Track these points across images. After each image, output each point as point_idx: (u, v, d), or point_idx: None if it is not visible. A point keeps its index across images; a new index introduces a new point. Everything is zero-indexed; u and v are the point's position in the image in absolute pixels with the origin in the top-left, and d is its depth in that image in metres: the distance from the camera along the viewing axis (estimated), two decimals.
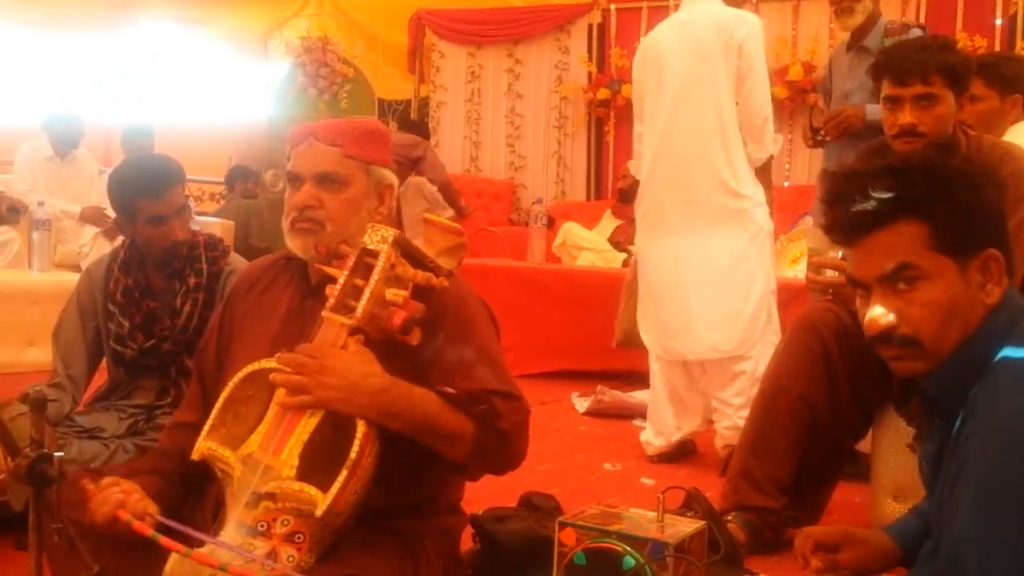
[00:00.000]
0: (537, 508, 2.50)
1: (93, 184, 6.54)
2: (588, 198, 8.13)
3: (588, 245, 6.57)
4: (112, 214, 6.18)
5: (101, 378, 3.16)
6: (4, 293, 5.14)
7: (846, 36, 4.34)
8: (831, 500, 2.88)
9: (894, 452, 2.70)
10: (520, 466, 1.93)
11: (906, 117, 2.63)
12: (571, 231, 6.65)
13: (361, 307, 1.75)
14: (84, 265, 6.11)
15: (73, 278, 5.61)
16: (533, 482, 2.94)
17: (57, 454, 1.36)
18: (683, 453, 3.90)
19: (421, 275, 1.82)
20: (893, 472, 2.70)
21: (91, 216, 6.23)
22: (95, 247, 6.15)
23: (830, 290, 2.54)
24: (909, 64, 2.65)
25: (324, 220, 1.92)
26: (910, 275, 1.53)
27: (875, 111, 3.89)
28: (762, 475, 2.72)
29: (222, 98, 9.00)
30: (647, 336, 3.92)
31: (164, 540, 1.52)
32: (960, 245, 1.53)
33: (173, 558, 1.62)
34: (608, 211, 7.10)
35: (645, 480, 3.48)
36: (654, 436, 3.85)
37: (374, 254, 1.79)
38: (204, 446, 1.76)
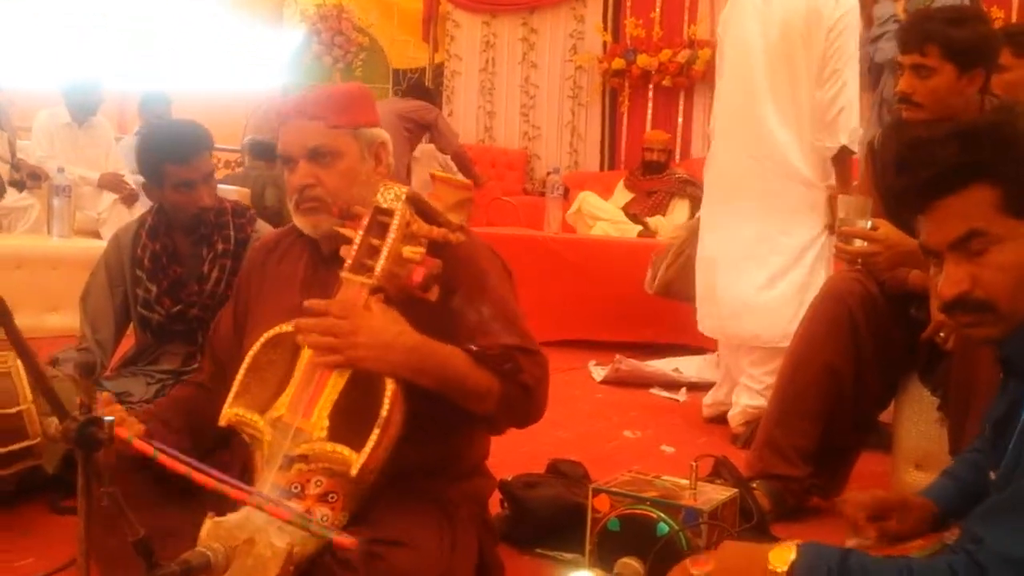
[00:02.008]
0: (565, 475, 2.52)
1: (110, 151, 6.54)
2: (602, 168, 8.13)
3: (604, 215, 6.56)
4: (130, 181, 6.27)
5: (127, 343, 3.19)
6: (25, 259, 5.15)
7: None
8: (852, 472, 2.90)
9: (916, 421, 2.72)
10: (540, 421, 1.94)
11: (901, 84, 2.64)
12: (587, 200, 6.63)
13: (380, 266, 1.75)
14: (103, 232, 6.14)
15: (92, 244, 5.68)
16: (554, 449, 2.96)
17: (107, 419, 1.36)
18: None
19: (437, 231, 1.81)
20: (916, 441, 2.71)
21: (109, 183, 6.23)
22: (113, 213, 6.16)
23: (859, 260, 2.55)
24: (909, 33, 2.65)
25: (324, 195, 1.92)
26: (982, 240, 1.51)
27: None
28: (787, 444, 2.74)
29: (237, 66, 8.97)
30: (702, 308, 3.87)
31: (163, 459, 1.40)
32: None
33: (208, 524, 1.63)
34: (621, 182, 7.08)
35: (665, 448, 3.50)
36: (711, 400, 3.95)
37: (388, 212, 1.78)
38: (231, 412, 1.76)
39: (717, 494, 1.99)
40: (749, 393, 3.65)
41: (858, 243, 2.57)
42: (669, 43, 7.67)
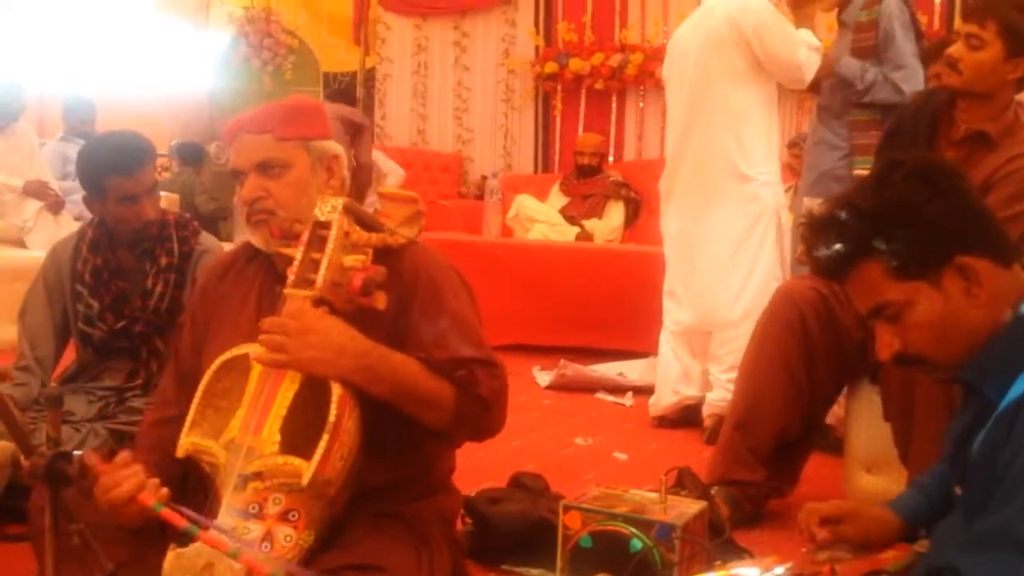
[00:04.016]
0: (528, 488, 2.51)
1: (34, 157, 6.36)
2: (536, 171, 8.12)
3: (541, 218, 6.57)
4: (55, 187, 6.10)
5: (67, 360, 3.10)
6: None
7: None
8: (802, 473, 2.93)
9: (868, 425, 2.76)
10: (497, 436, 1.93)
11: (951, 50, 2.70)
12: (524, 203, 6.64)
13: (320, 277, 1.74)
14: (28, 240, 5.97)
15: (18, 254, 5.52)
16: (508, 458, 2.96)
17: (76, 452, 1.32)
18: (686, 420, 4.03)
19: (376, 237, 1.82)
20: (867, 445, 2.76)
21: (35, 190, 6.06)
22: (39, 221, 6.00)
23: None
24: (978, 4, 2.72)
25: (274, 208, 1.90)
26: (891, 307, 1.60)
27: (848, 65, 4.01)
28: (745, 448, 2.78)
29: (163, 69, 8.79)
30: (670, 300, 4.10)
31: (204, 536, 1.48)
32: (919, 267, 1.58)
33: (170, 556, 1.59)
34: (556, 185, 7.09)
35: (618, 455, 3.51)
36: (658, 400, 4.07)
37: (326, 225, 1.78)
38: (187, 442, 1.72)
39: (687, 507, 1.99)
40: (716, 386, 3.81)
41: None
42: (601, 47, 7.69)
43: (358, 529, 1.77)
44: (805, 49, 3.83)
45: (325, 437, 1.62)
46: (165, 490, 1.68)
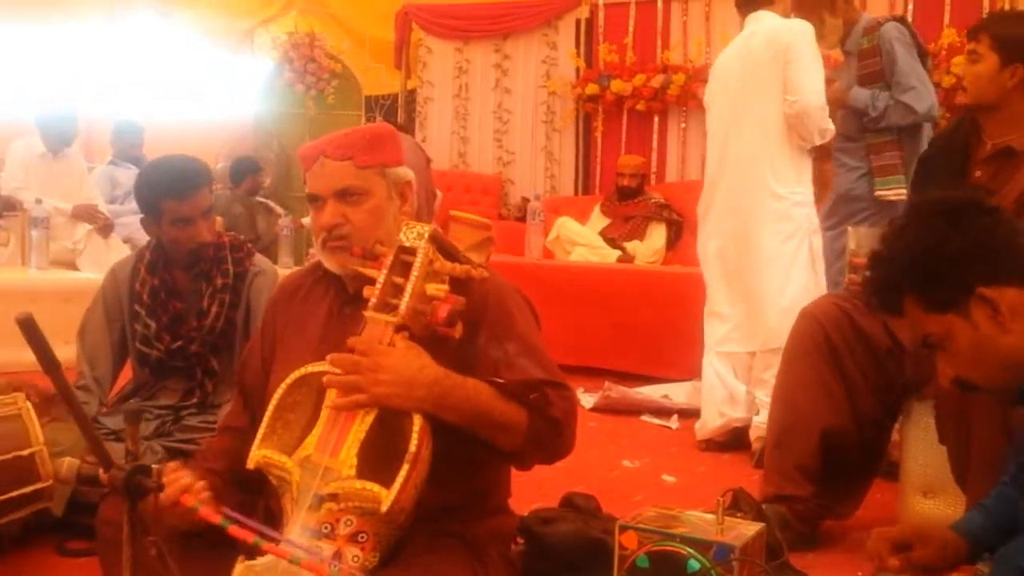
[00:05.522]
0: (579, 509, 2.51)
1: (83, 181, 6.49)
2: (576, 193, 8.13)
3: (582, 241, 6.57)
4: (104, 211, 6.20)
5: (122, 379, 3.15)
6: (3, 293, 5.04)
7: None
8: None
9: (924, 449, 2.74)
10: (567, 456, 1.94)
11: (959, 69, 2.92)
12: (565, 226, 6.65)
13: (404, 303, 1.75)
14: (79, 262, 6.07)
15: (70, 276, 5.61)
16: (556, 480, 2.95)
17: (155, 466, 1.35)
18: (733, 443, 4.02)
19: (460, 268, 1.83)
20: (923, 469, 2.74)
21: (84, 213, 6.18)
22: (89, 244, 6.10)
23: None
24: (975, 24, 2.91)
25: (351, 234, 1.92)
26: (934, 340, 1.77)
27: (857, 96, 4.06)
28: (789, 464, 2.78)
29: (208, 94, 8.92)
30: (723, 324, 4.08)
31: (232, 529, 1.48)
32: (943, 302, 1.73)
33: (239, 569, 1.61)
34: (597, 207, 7.09)
35: (666, 477, 3.51)
36: (704, 422, 4.05)
37: (411, 251, 1.79)
38: (259, 455, 1.74)
39: (745, 529, 1.98)
40: (764, 409, 3.75)
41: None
42: (642, 68, 7.70)
43: (417, 548, 1.79)
44: (823, 98, 3.84)
45: (405, 467, 1.63)
46: (207, 492, 1.76)
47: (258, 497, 1.95)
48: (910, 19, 6.36)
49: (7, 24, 7.62)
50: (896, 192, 4.00)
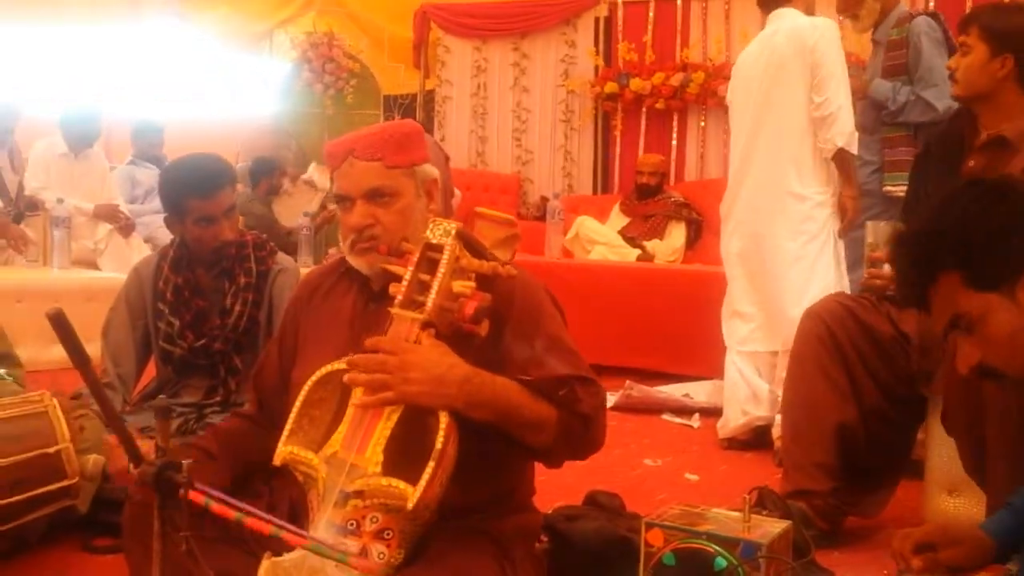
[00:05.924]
0: (603, 506, 2.50)
1: (105, 181, 6.52)
2: (595, 192, 8.13)
3: (601, 239, 6.56)
4: (125, 210, 6.23)
5: (146, 377, 3.16)
6: (26, 292, 5.08)
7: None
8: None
9: (948, 447, 2.69)
10: (595, 453, 1.93)
11: (950, 61, 2.93)
12: (584, 224, 6.63)
13: (431, 300, 1.74)
14: (100, 262, 6.10)
15: (92, 275, 5.64)
16: (578, 478, 2.94)
17: (186, 461, 1.35)
18: (756, 442, 3.99)
19: (487, 265, 1.82)
20: (947, 466, 2.71)
21: (105, 213, 6.21)
22: (111, 244, 6.14)
23: (890, 287, 2.56)
24: (965, 16, 2.95)
25: (381, 235, 1.91)
26: (966, 321, 1.69)
27: (879, 88, 4.02)
28: (806, 460, 2.76)
29: (228, 94, 8.95)
30: (746, 324, 4.07)
31: (250, 522, 1.40)
32: (993, 278, 1.66)
33: (265, 565, 1.61)
34: (616, 206, 7.08)
35: (689, 476, 3.50)
36: (726, 421, 4.04)
37: (438, 248, 1.78)
38: (285, 451, 1.73)
39: (771, 527, 1.96)
40: None
41: (887, 268, 2.58)
42: (661, 66, 7.69)
43: (444, 545, 1.77)
44: (850, 100, 3.80)
45: (431, 464, 1.63)
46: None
47: (261, 485, 1.96)
48: (932, 7, 6.35)
49: (29, 25, 7.68)
50: (904, 189, 3.99)
